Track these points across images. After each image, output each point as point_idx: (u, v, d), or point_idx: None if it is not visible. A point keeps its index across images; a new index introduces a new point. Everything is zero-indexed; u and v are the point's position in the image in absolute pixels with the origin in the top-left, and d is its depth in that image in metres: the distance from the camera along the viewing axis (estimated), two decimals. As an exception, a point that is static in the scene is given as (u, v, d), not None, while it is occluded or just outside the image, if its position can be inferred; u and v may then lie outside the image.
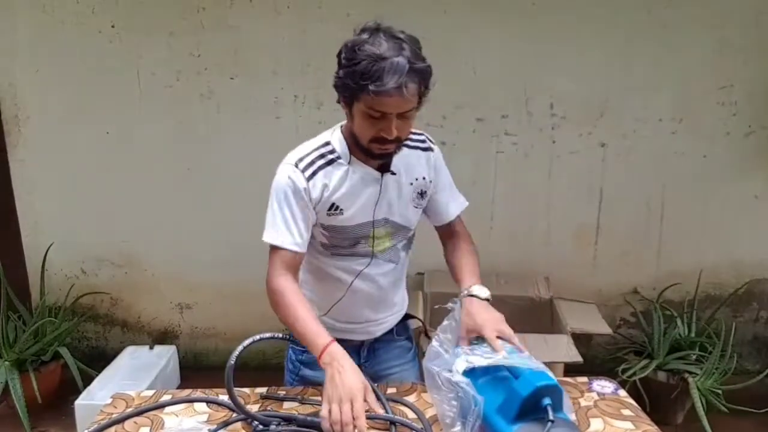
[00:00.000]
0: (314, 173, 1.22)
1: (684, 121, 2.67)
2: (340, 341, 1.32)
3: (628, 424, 1.15)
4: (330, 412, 1.04)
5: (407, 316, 1.51)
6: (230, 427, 1.13)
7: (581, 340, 2.19)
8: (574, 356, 1.98)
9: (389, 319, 1.44)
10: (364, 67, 1.06)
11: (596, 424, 1.15)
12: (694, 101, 2.65)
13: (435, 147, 1.38)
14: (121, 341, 2.94)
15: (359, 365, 1.30)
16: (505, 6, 2.54)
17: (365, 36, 1.11)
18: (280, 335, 1.25)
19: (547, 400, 0.93)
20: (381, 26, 1.14)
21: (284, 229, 1.21)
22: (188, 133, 2.68)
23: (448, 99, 2.64)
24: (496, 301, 2.55)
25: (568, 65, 2.60)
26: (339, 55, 1.14)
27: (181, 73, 2.62)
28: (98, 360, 2.76)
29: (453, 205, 1.42)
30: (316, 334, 1.15)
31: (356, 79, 1.08)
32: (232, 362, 1.06)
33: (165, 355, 2.73)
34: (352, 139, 1.22)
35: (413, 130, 1.29)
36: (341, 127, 1.28)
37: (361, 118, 1.14)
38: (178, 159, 2.71)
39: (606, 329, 2.24)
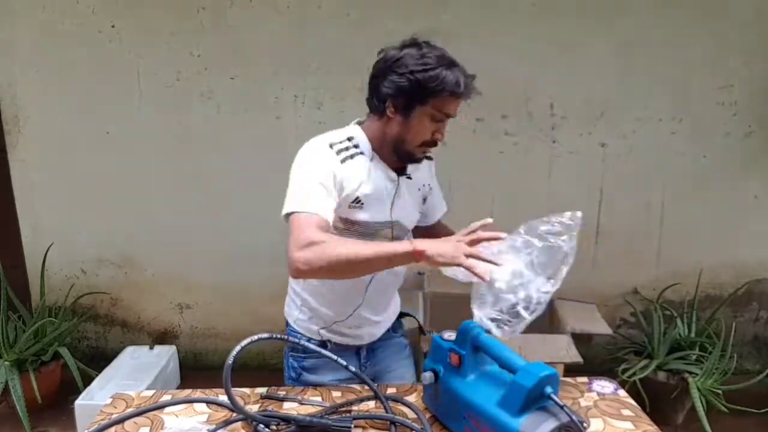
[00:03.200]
0: (344, 160, 1.22)
1: (684, 121, 2.67)
2: (340, 346, 1.31)
3: (628, 424, 1.15)
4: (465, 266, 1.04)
5: (402, 315, 1.53)
6: (230, 427, 1.13)
7: (581, 340, 2.19)
8: (574, 356, 1.98)
9: (388, 318, 1.46)
10: (441, 71, 1.16)
11: (596, 424, 1.15)
12: (694, 101, 2.65)
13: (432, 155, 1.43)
14: (121, 341, 2.94)
15: (359, 367, 1.30)
16: (505, 6, 2.54)
17: (425, 48, 1.19)
18: (279, 336, 1.24)
19: (549, 389, 0.95)
20: (425, 40, 1.21)
21: (319, 200, 1.14)
22: (188, 133, 2.68)
23: (448, 99, 2.64)
24: (496, 302, 2.53)
25: (568, 65, 2.60)
26: (393, 63, 1.18)
27: (181, 73, 2.62)
28: (98, 360, 2.76)
29: (439, 208, 1.50)
30: (394, 249, 1.09)
31: (434, 82, 1.15)
32: (230, 362, 1.06)
33: (165, 355, 2.73)
34: (379, 141, 1.26)
35: None
36: (359, 126, 1.29)
37: (422, 121, 1.20)
38: (178, 159, 2.71)
39: (606, 329, 2.24)
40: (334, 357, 1.25)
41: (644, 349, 2.58)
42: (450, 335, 1.16)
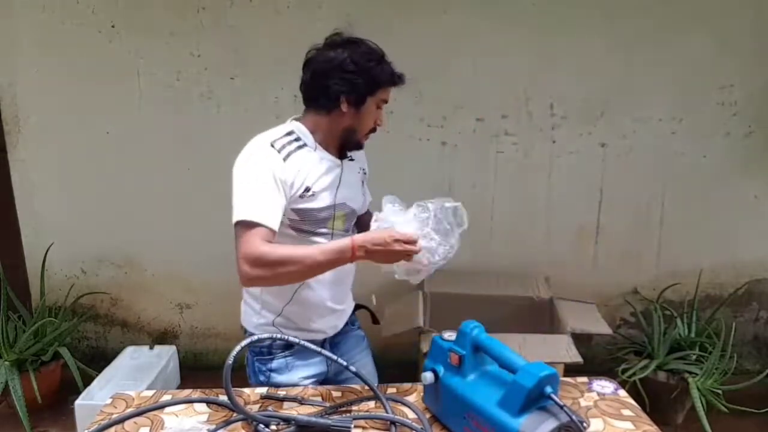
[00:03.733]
0: (288, 155, 1.27)
1: (684, 121, 2.67)
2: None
3: (628, 425, 1.15)
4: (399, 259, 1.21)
5: (357, 307, 1.59)
6: (230, 427, 1.13)
7: (581, 340, 2.19)
8: (575, 356, 1.98)
9: (347, 309, 1.52)
10: (381, 66, 1.29)
11: (596, 424, 1.15)
12: (694, 101, 2.65)
13: None
14: (121, 341, 2.94)
15: (325, 362, 1.38)
16: (505, 6, 2.54)
17: (363, 45, 1.29)
18: (279, 336, 1.25)
19: (549, 389, 0.96)
20: (352, 36, 1.32)
21: (264, 207, 1.21)
22: (188, 133, 2.68)
23: (448, 99, 2.64)
24: (496, 302, 2.56)
25: (568, 65, 2.60)
26: (342, 62, 1.26)
27: (181, 73, 2.62)
28: (98, 360, 2.76)
29: (368, 196, 1.57)
30: (336, 247, 1.21)
31: (382, 75, 1.28)
32: (230, 362, 1.06)
33: (165, 355, 2.73)
34: (323, 133, 1.34)
35: None
36: (296, 121, 1.36)
37: (371, 111, 1.32)
38: (178, 159, 2.71)
39: (606, 329, 2.24)
40: (336, 357, 1.26)
41: (644, 349, 2.58)
42: (450, 335, 1.16)
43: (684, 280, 2.79)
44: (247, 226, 1.19)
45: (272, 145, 1.27)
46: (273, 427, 1.10)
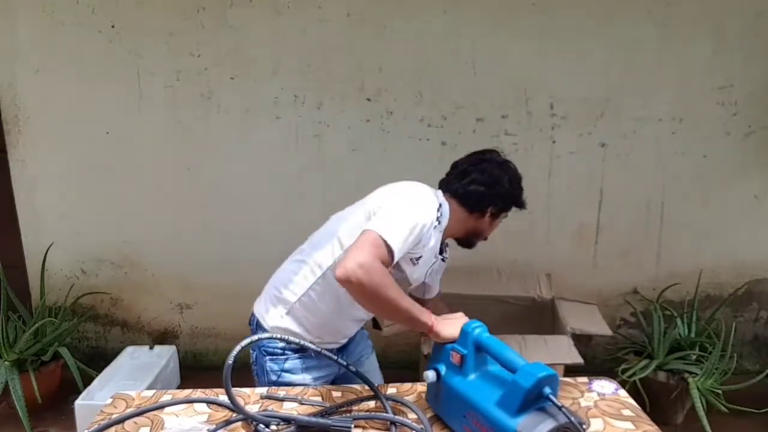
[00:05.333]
0: (436, 225, 1.35)
1: (684, 121, 2.67)
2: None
3: (628, 425, 1.15)
4: None
5: None
6: (230, 427, 1.13)
7: (581, 339, 2.19)
8: (575, 357, 1.97)
9: None
10: (521, 191, 1.51)
11: (596, 424, 1.15)
12: (694, 101, 2.65)
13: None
14: (121, 341, 2.94)
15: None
16: (505, 6, 2.54)
17: (516, 170, 1.50)
18: (279, 336, 1.25)
19: (548, 389, 0.96)
20: (505, 157, 1.52)
21: (403, 243, 1.23)
22: (188, 133, 2.68)
23: (448, 99, 2.64)
24: (497, 302, 2.54)
25: (568, 65, 2.60)
26: (501, 184, 1.44)
27: (181, 73, 2.62)
28: (98, 360, 2.76)
29: (436, 286, 1.67)
30: (419, 317, 1.22)
31: (520, 200, 1.51)
32: (230, 362, 1.06)
33: (165, 355, 2.73)
34: (453, 224, 1.43)
35: None
36: (443, 197, 1.44)
37: (497, 222, 1.52)
38: (178, 159, 2.71)
39: (606, 330, 2.22)
40: (336, 357, 1.26)
41: (644, 349, 2.58)
42: None
43: (684, 280, 2.79)
44: (382, 241, 1.21)
45: (438, 209, 1.35)
46: (273, 427, 1.10)
